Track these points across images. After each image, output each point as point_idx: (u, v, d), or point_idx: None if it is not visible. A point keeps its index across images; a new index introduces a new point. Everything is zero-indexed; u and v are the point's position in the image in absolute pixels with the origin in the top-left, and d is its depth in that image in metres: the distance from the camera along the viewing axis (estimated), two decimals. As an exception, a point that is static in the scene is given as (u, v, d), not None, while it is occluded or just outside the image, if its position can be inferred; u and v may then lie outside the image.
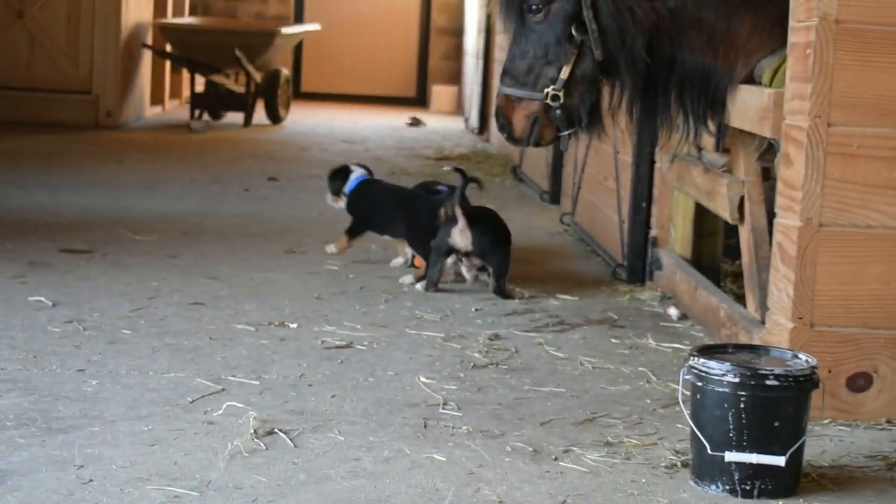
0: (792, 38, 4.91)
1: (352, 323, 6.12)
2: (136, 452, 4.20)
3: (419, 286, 6.90)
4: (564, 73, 5.43)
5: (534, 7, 5.43)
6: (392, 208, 7.36)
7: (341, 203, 7.54)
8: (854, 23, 4.71)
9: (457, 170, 7.29)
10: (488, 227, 6.86)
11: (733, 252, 7.31)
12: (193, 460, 4.15)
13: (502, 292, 6.81)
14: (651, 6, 5.30)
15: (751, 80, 5.47)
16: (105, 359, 5.31)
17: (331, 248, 7.64)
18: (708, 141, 6.20)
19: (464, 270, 7.02)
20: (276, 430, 4.47)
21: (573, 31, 5.38)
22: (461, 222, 6.74)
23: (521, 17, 5.50)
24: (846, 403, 4.87)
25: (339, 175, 7.58)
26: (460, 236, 6.75)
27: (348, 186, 7.50)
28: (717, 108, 5.63)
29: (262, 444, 4.33)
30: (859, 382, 4.86)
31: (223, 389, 4.96)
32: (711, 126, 5.98)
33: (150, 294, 6.52)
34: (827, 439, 4.67)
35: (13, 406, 4.61)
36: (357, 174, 7.56)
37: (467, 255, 6.86)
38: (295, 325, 6.01)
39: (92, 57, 15.41)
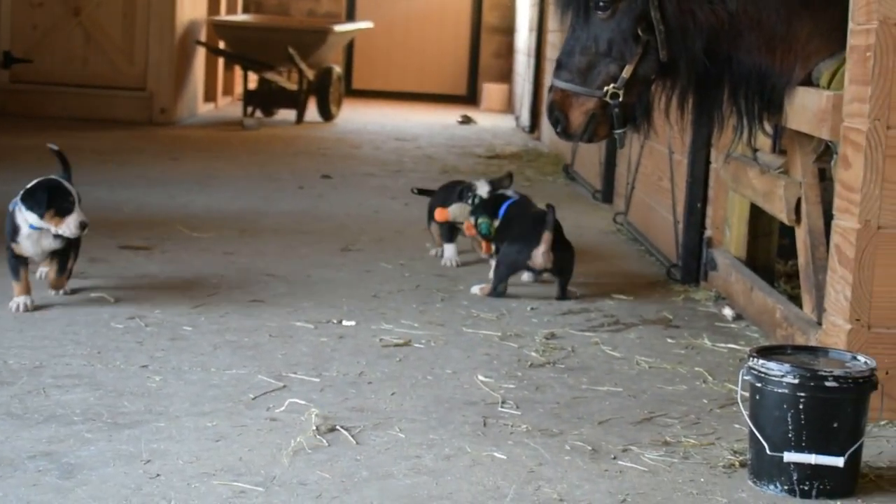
0: (852, 40, 4.92)
1: (409, 321, 6.17)
2: (201, 448, 4.26)
3: (476, 290, 6.88)
4: (627, 71, 5.44)
5: (601, 4, 5.43)
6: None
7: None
8: (914, 26, 4.72)
9: (420, 191, 8.14)
10: (563, 244, 6.82)
11: (786, 252, 7.33)
12: (258, 456, 4.21)
13: (564, 298, 6.82)
14: (711, 9, 5.31)
15: (808, 82, 5.47)
16: (168, 355, 5.38)
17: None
18: (764, 142, 6.22)
19: (526, 277, 7.09)
20: (337, 427, 4.53)
21: (640, 31, 5.39)
22: (545, 246, 6.69)
23: (586, 13, 5.50)
24: (904, 405, 4.88)
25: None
26: (542, 259, 6.71)
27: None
28: (773, 110, 5.63)
29: (324, 441, 4.38)
30: (917, 384, 4.87)
31: (284, 386, 5.02)
32: (768, 127, 6.00)
33: (209, 291, 6.60)
34: (884, 440, 4.69)
35: (80, 401, 4.69)
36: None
37: (540, 271, 6.89)
38: (353, 323, 6.07)
39: (147, 54, 15.55)
